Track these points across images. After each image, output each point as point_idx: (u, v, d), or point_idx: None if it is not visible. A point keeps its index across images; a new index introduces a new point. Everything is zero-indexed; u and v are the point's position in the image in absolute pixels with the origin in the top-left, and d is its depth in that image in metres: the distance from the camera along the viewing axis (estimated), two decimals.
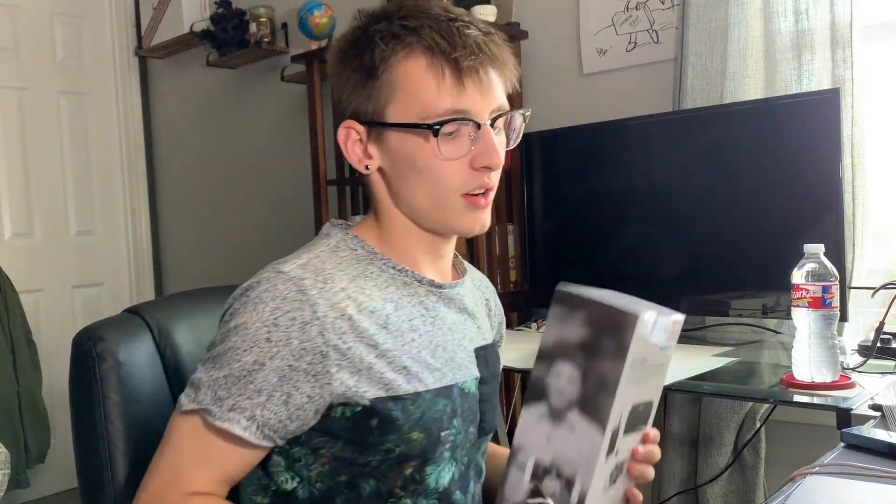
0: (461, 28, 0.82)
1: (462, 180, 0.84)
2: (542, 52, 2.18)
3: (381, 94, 0.84)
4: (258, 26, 2.77)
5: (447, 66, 0.81)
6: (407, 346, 0.85)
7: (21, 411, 2.74)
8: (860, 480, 0.82)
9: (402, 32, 0.82)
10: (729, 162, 1.65)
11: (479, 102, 0.82)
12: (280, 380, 0.78)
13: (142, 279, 3.45)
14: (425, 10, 0.84)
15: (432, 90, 0.81)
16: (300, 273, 0.81)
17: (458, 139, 0.83)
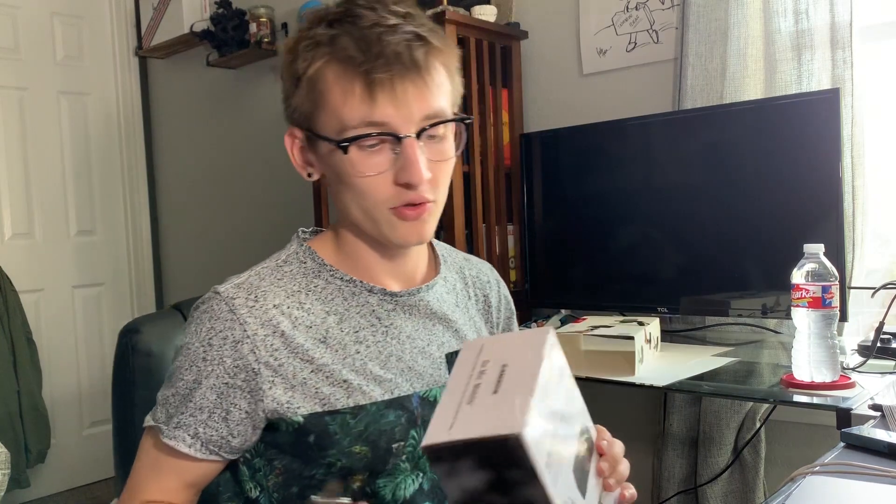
0: (382, 35, 0.77)
1: (386, 195, 0.80)
2: (542, 52, 2.18)
3: (308, 103, 0.82)
4: (258, 26, 2.77)
5: (357, 78, 0.77)
6: (350, 359, 0.84)
7: (21, 411, 2.75)
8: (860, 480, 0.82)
9: (323, 40, 0.80)
10: (729, 162, 1.65)
11: (396, 115, 0.78)
12: (218, 397, 0.82)
13: (142, 279, 3.45)
14: (354, 15, 0.79)
15: (342, 103, 0.78)
16: (233, 293, 0.84)
17: (378, 153, 0.79)
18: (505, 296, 1.04)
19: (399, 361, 0.87)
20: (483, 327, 0.99)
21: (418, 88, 0.78)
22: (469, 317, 0.97)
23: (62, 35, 3.19)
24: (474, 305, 1.00)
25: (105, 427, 3.30)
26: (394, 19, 0.78)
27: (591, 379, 1.45)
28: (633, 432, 2.04)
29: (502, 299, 1.04)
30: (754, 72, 1.72)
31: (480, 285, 1.01)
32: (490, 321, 1.01)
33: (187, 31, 2.96)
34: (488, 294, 1.02)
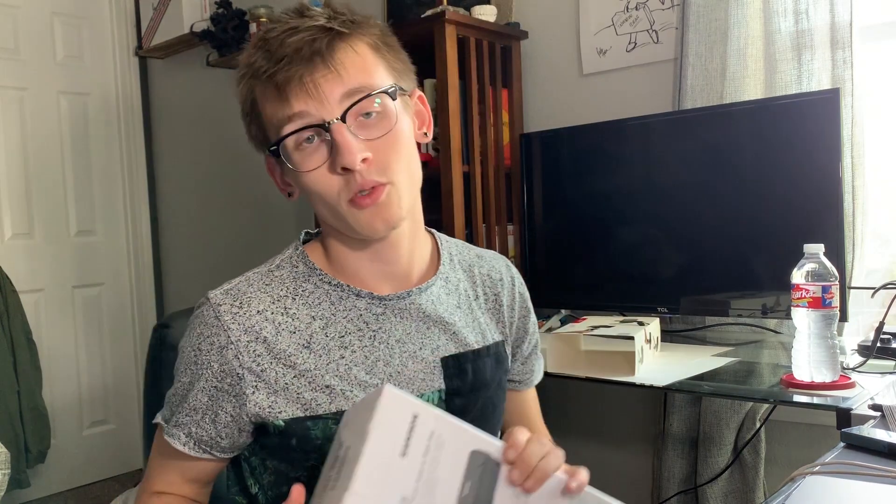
0: (283, 38, 0.79)
1: (336, 187, 0.81)
2: (542, 52, 2.18)
3: (255, 128, 0.86)
4: (258, 26, 2.77)
5: (269, 84, 0.80)
6: (333, 365, 0.85)
7: (21, 411, 2.75)
8: (860, 480, 0.82)
9: (244, 69, 0.83)
10: (729, 162, 1.65)
11: (311, 105, 0.79)
12: (209, 399, 0.84)
13: (142, 279, 3.45)
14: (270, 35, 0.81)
15: (268, 113, 0.82)
16: (220, 299, 0.86)
17: (315, 149, 0.81)
18: (520, 293, 1.02)
19: (387, 366, 0.87)
20: (491, 328, 0.97)
21: (326, 74, 0.79)
22: (472, 318, 0.95)
23: (62, 35, 3.19)
24: (483, 305, 0.97)
25: (105, 427, 3.30)
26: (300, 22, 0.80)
27: (591, 379, 1.45)
28: (633, 432, 2.04)
29: (516, 297, 1.01)
30: (754, 72, 1.72)
31: (491, 283, 0.99)
32: (501, 321, 0.98)
33: (187, 31, 2.96)
34: (499, 293, 0.99)
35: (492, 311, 0.98)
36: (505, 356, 0.97)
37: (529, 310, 1.03)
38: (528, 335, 1.03)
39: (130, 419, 3.38)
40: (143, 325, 3.45)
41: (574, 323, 1.64)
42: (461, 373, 0.90)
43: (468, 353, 0.91)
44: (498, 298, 0.98)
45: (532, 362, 1.05)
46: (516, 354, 1.02)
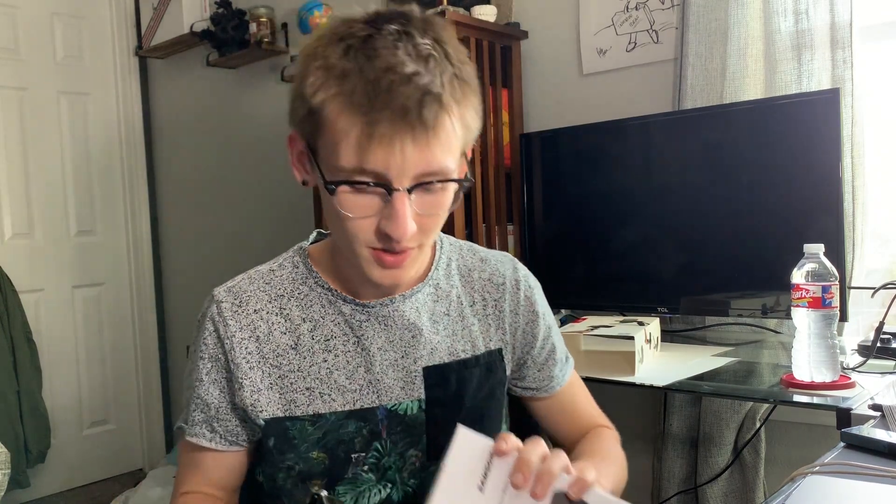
0: (393, 86, 0.71)
1: (368, 237, 0.77)
2: (542, 52, 2.18)
3: (309, 125, 0.77)
4: (258, 26, 2.77)
5: (357, 124, 0.72)
6: (316, 367, 0.86)
7: (21, 411, 2.75)
8: (860, 480, 0.82)
9: (334, 71, 0.73)
10: (729, 162, 1.65)
11: (390, 169, 0.72)
12: (220, 392, 0.87)
13: (142, 279, 3.45)
14: (373, 48, 0.72)
15: (339, 144, 0.73)
16: (223, 296, 0.89)
17: (366, 196, 0.75)
18: (527, 297, 0.97)
19: (367, 373, 0.87)
20: (488, 336, 0.94)
21: (419, 147, 0.72)
22: (463, 325, 0.92)
23: (62, 35, 3.19)
24: (480, 311, 0.94)
25: (105, 427, 3.31)
26: (411, 65, 0.72)
27: (591, 379, 1.44)
28: (633, 432, 2.04)
29: (521, 301, 0.97)
30: (754, 72, 1.72)
31: (492, 288, 0.96)
32: (502, 327, 0.95)
33: (187, 31, 2.96)
34: (500, 298, 0.95)
35: (491, 318, 0.95)
36: (499, 366, 0.95)
37: (538, 314, 0.98)
38: (538, 341, 0.98)
39: (130, 419, 3.38)
40: (143, 325, 3.45)
41: (574, 323, 1.64)
42: (444, 382, 0.89)
43: (452, 364, 0.90)
44: (498, 304, 0.95)
45: (550, 369, 1.00)
46: (527, 361, 0.98)
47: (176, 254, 3.46)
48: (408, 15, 0.76)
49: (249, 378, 0.86)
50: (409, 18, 0.76)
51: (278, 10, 2.83)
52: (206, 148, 3.25)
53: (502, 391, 0.97)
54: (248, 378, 0.86)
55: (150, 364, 3.46)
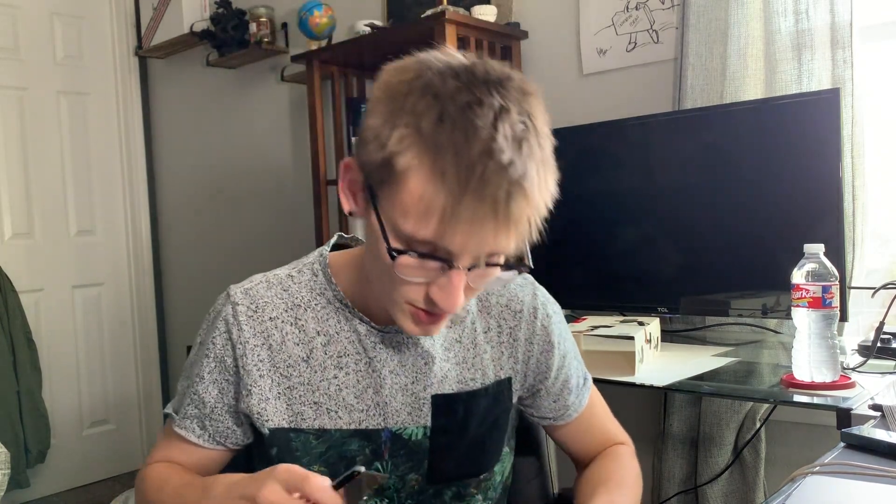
0: (488, 172, 0.67)
1: (413, 296, 0.75)
2: (542, 52, 2.18)
3: (381, 172, 0.72)
4: (258, 26, 2.77)
5: (442, 203, 0.68)
6: (325, 383, 0.86)
7: (21, 411, 2.75)
8: (860, 480, 0.82)
9: (427, 135, 0.68)
10: (729, 162, 1.65)
11: (465, 251, 0.71)
12: (220, 392, 0.87)
13: (142, 279, 3.45)
14: (472, 126, 0.68)
15: (415, 216, 0.70)
16: (240, 298, 0.87)
17: (425, 266, 0.73)
18: (543, 326, 0.95)
19: (376, 395, 0.87)
20: (499, 364, 0.93)
21: (497, 236, 0.71)
22: (474, 353, 0.91)
23: (62, 35, 3.19)
24: (494, 339, 0.93)
25: (105, 427, 3.31)
26: (507, 152, 0.68)
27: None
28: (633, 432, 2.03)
29: (537, 331, 0.94)
30: (754, 72, 1.72)
31: (508, 315, 0.94)
32: (514, 356, 0.93)
33: (187, 31, 2.96)
34: (515, 326, 0.94)
35: (504, 345, 0.93)
36: (507, 395, 0.94)
37: (553, 344, 0.95)
38: (552, 371, 0.95)
39: (130, 419, 3.38)
40: (143, 325, 3.45)
41: (574, 323, 1.64)
42: (451, 412, 0.89)
43: (462, 394, 0.89)
44: (514, 332, 0.94)
45: (565, 398, 0.98)
46: (541, 391, 0.97)
47: (176, 254, 3.46)
48: (505, 82, 0.71)
49: (259, 386, 0.85)
50: (506, 87, 0.71)
51: (278, 10, 2.83)
52: (206, 148, 3.25)
53: (506, 419, 0.95)
54: (257, 386, 0.85)
55: (150, 364, 3.46)
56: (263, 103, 2.98)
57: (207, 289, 3.24)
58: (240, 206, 3.11)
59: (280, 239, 2.93)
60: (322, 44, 2.44)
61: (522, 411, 1.01)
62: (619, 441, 1.03)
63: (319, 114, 2.36)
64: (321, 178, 2.36)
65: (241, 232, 3.12)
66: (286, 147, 2.90)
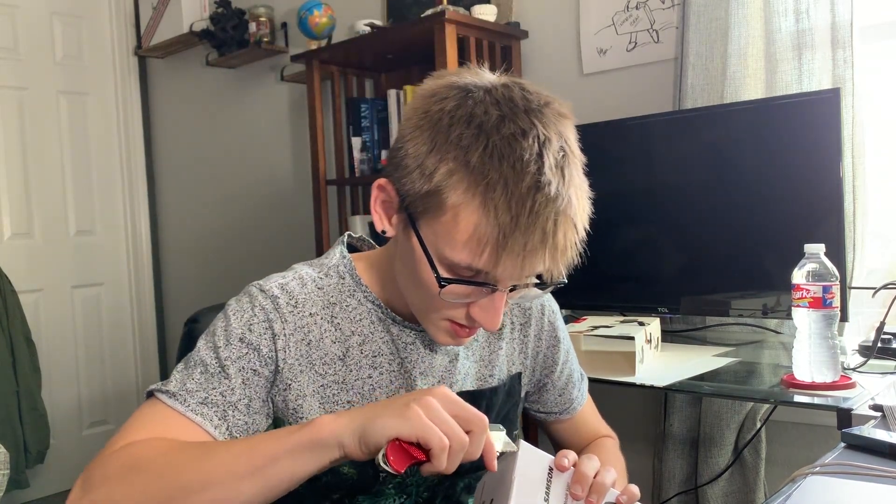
0: (538, 207, 0.70)
1: (453, 314, 0.79)
2: (542, 52, 2.17)
3: (426, 202, 0.74)
4: (258, 26, 2.77)
5: (494, 237, 0.71)
6: (360, 382, 0.86)
7: (21, 411, 2.74)
8: (860, 480, 0.82)
9: (476, 170, 0.71)
10: (729, 162, 1.65)
11: (514, 277, 0.75)
12: (244, 383, 0.81)
13: (142, 279, 3.45)
14: (519, 158, 0.70)
15: (466, 248, 0.72)
16: (277, 292, 0.84)
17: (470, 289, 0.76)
18: (550, 322, 1.00)
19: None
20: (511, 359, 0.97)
21: (546, 264, 0.75)
22: (490, 350, 0.95)
23: (62, 35, 3.19)
24: (507, 336, 0.97)
25: (104, 427, 3.30)
26: (554, 183, 0.71)
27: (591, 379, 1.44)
28: (633, 432, 2.04)
29: (545, 327, 1.00)
30: (754, 72, 1.72)
31: (519, 313, 0.98)
32: (524, 351, 0.98)
33: (187, 31, 2.96)
34: (525, 323, 0.98)
35: (516, 341, 0.98)
36: (517, 390, 0.98)
37: (559, 339, 1.01)
38: (558, 366, 1.01)
39: None
40: (143, 325, 3.45)
41: (574, 323, 1.64)
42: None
43: (485, 391, 0.93)
44: (524, 328, 0.98)
45: (570, 392, 1.04)
46: (546, 385, 1.02)
47: (176, 254, 3.46)
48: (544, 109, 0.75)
49: (298, 382, 0.84)
50: (545, 114, 0.75)
51: (278, 10, 2.83)
52: (205, 148, 3.25)
53: (516, 413, 0.99)
54: (296, 381, 0.83)
55: (150, 364, 3.46)
56: (263, 103, 2.98)
57: (207, 289, 3.24)
58: (239, 206, 3.11)
59: (280, 239, 2.93)
60: (322, 43, 2.44)
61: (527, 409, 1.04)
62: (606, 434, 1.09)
63: (319, 114, 2.36)
64: (321, 177, 2.36)
65: (240, 232, 3.11)
66: (286, 147, 2.90)
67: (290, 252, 2.87)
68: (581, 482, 0.71)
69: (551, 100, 0.77)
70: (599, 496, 0.71)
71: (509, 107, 0.73)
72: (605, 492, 0.72)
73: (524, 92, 0.76)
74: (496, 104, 0.73)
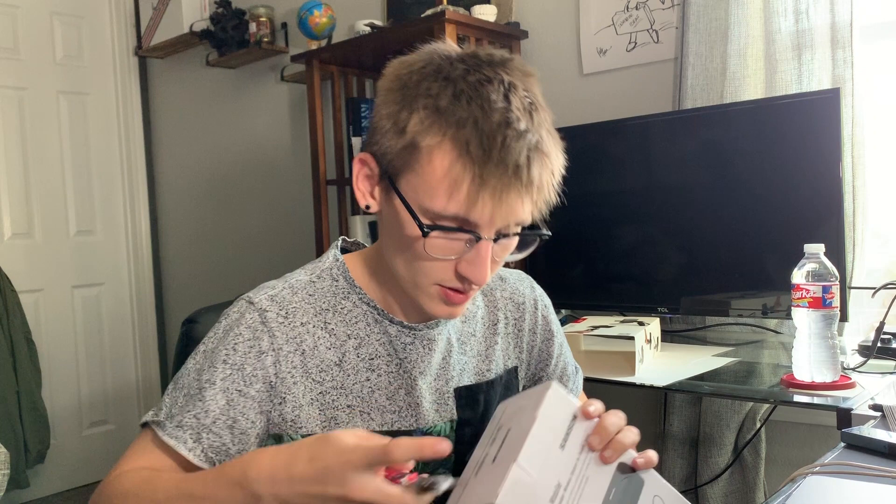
0: (508, 140, 0.72)
1: (442, 276, 0.78)
2: (542, 52, 2.18)
3: (402, 157, 0.76)
4: (258, 26, 2.77)
5: (469, 175, 0.72)
6: (359, 386, 0.86)
7: (21, 411, 2.74)
8: (860, 480, 0.82)
9: (446, 112, 0.73)
10: (729, 162, 1.65)
11: (490, 219, 0.75)
12: (227, 403, 0.80)
13: (142, 279, 3.45)
14: (485, 100, 0.73)
15: (443, 191, 0.73)
16: (267, 305, 0.83)
17: (454, 241, 0.76)
18: (543, 316, 1.01)
19: (408, 396, 0.87)
20: (507, 354, 0.97)
21: (522, 201, 0.75)
22: (486, 346, 0.95)
23: (62, 35, 3.19)
24: (503, 330, 0.97)
25: (104, 427, 3.30)
26: (523, 120, 0.74)
27: (591, 379, 1.44)
28: None
29: (539, 321, 1.00)
30: (754, 72, 1.72)
31: (514, 307, 0.98)
32: (520, 345, 0.99)
33: (187, 31, 2.96)
34: (521, 317, 0.99)
35: (511, 336, 0.98)
36: (514, 384, 0.98)
37: (553, 333, 1.02)
38: (553, 359, 1.02)
39: (130, 419, 3.37)
40: (143, 324, 3.45)
41: (574, 323, 1.64)
42: (473, 403, 0.91)
43: (482, 384, 0.93)
44: (518, 323, 0.98)
45: (564, 385, 1.04)
46: (542, 379, 1.02)
47: (176, 254, 3.46)
48: (508, 63, 0.77)
49: (293, 393, 0.83)
50: (509, 67, 0.77)
51: (278, 10, 2.83)
52: (205, 148, 3.25)
53: None
54: (290, 393, 0.83)
55: (150, 364, 3.46)
56: (263, 103, 2.98)
57: (207, 289, 3.24)
58: (239, 206, 3.11)
59: (280, 239, 2.93)
60: (322, 43, 2.44)
61: None
62: None
63: (319, 113, 2.36)
64: (321, 177, 2.36)
65: (240, 232, 3.11)
66: (286, 147, 2.90)
67: (289, 252, 2.87)
68: (601, 434, 0.68)
69: (516, 59, 0.79)
70: (615, 453, 0.69)
71: (474, 61, 0.76)
72: (622, 450, 0.69)
73: (488, 51, 0.79)
74: (461, 60, 0.77)
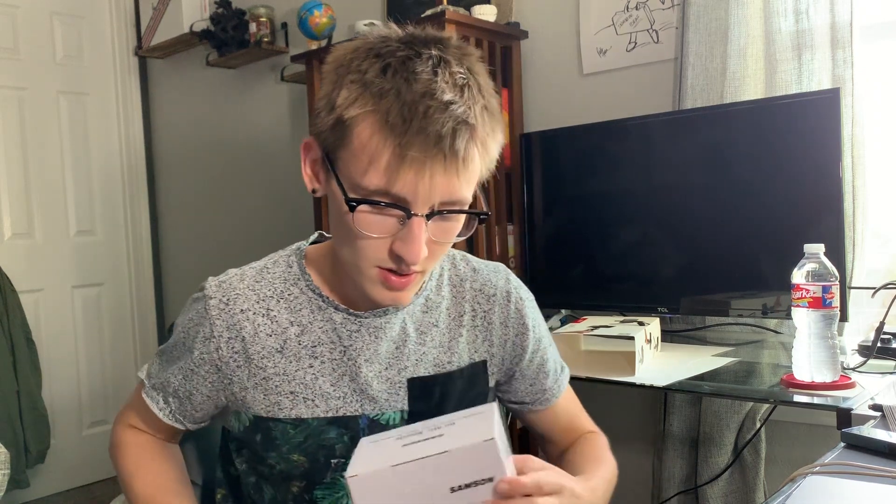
0: (430, 111, 0.71)
1: (378, 256, 0.77)
2: (542, 52, 2.18)
3: (334, 134, 0.75)
4: (258, 26, 2.77)
5: (389, 146, 0.71)
6: (301, 372, 0.87)
7: (21, 411, 2.74)
8: (860, 480, 0.82)
9: (371, 88, 0.73)
10: (729, 162, 1.65)
11: (415, 195, 0.73)
12: (184, 379, 0.90)
13: (142, 279, 3.45)
14: (411, 72, 0.72)
15: (366, 163, 0.73)
16: (213, 291, 0.88)
17: (384, 217, 0.75)
18: (517, 309, 0.95)
19: (352, 382, 0.87)
20: (474, 347, 0.94)
21: (448, 176, 0.73)
22: (450, 337, 0.92)
23: (62, 35, 3.19)
24: (468, 322, 0.94)
25: (105, 427, 3.30)
26: (448, 93, 0.72)
27: (591, 379, 1.44)
28: (633, 432, 2.04)
29: (511, 314, 0.95)
30: (754, 72, 1.72)
31: (482, 299, 0.94)
32: (489, 339, 0.94)
33: (187, 31, 2.96)
34: (489, 310, 0.94)
35: (479, 329, 0.94)
36: (481, 378, 0.94)
37: (527, 327, 0.96)
38: (527, 354, 0.97)
39: None
40: (143, 325, 3.45)
41: (574, 323, 1.64)
42: (427, 395, 0.90)
43: (438, 376, 0.90)
44: (488, 315, 0.94)
45: (542, 382, 0.99)
46: (515, 374, 0.98)
47: (176, 254, 3.46)
48: (445, 41, 0.77)
49: (238, 376, 0.87)
50: (446, 45, 0.76)
51: (278, 10, 2.83)
52: (205, 148, 3.25)
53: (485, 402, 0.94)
54: (236, 376, 0.87)
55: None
56: (263, 103, 2.98)
57: None
58: (240, 206, 3.11)
59: (280, 239, 2.92)
60: (322, 44, 2.44)
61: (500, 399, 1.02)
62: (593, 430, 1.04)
63: None
64: None
65: (240, 232, 3.11)
66: (286, 147, 2.89)
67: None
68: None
69: (455, 40, 0.79)
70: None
71: (409, 38, 0.76)
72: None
73: (427, 31, 0.79)
74: (398, 38, 0.77)
